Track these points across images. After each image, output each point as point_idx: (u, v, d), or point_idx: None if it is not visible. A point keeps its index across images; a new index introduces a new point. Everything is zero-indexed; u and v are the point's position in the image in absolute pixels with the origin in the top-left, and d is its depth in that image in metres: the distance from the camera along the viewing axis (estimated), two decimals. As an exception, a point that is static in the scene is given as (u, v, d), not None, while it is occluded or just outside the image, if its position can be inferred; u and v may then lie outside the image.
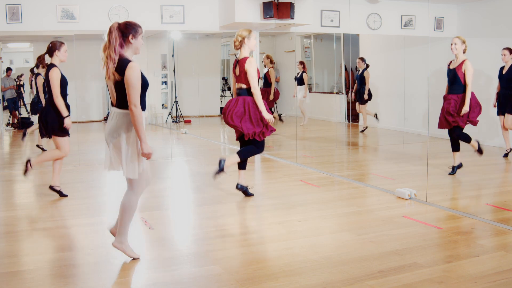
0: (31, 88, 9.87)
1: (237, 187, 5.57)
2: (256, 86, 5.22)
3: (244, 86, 5.29)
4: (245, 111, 5.27)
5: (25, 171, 5.61)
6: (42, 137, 5.85)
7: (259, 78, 5.32)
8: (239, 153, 5.42)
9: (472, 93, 6.33)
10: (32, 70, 11.19)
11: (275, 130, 5.48)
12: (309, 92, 11.64)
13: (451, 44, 6.37)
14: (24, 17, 7.22)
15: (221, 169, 5.39)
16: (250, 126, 5.26)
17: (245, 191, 5.60)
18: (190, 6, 8.13)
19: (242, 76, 5.28)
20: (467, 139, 6.49)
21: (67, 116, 5.45)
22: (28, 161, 5.60)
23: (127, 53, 3.59)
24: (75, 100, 11.73)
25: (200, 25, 8.34)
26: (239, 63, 5.31)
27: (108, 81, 3.58)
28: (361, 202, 5.58)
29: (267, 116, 5.25)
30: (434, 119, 7.08)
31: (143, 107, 3.60)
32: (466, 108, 6.24)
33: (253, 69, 5.21)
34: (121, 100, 3.55)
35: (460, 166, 6.57)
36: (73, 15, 7.44)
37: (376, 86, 10.67)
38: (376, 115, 10.69)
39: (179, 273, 3.56)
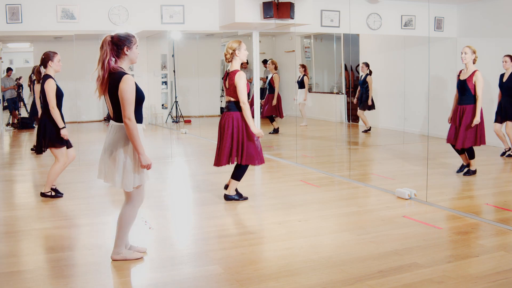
0: (31, 91, 9.88)
1: (226, 199, 5.51)
2: (244, 101, 5.14)
3: (232, 99, 5.22)
4: (233, 135, 5.23)
5: (52, 196, 5.63)
6: (37, 153, 5.82)
7: (248, 92, 5.26)
8: (234, 177, 5.43)
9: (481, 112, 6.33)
10: (30, 77, 11.19)
11: (263, 162, 5.44)
12: (309, 92, 11.64)
13: (462, 53, 6.35)
14: (24, 17, 7.22)
15: (231, 199, 5.47)
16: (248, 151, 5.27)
17: (235, 199, 5.53)
18: (190, 6, 8.12)
19: (232, 90, 5.20)
20: (473, 155, 6.53)
21: (64, 127, 5.47)
22: (43, 194, 5.63)
23: (123, 64, 3.56)
24: (75, 100, 11.73)
25: (200, 25, 8.34)
26: (229, 76, 5.23)
27: (105, 96, 3.57)
28: (361, 202, 5.58)
29: (255, 130, 5.19)
30: (434, 119, 7.09)
31: (140, 120, 3.57)
32: (477, 119, 6.25)
33: (242, 83, 5.13)
34: (117, 113, 3.53)
35: (474, 172, 6.57)
36: (73, 15, 7.44)
37: (376, 86, 10.67)
38: (369, 129, 10.66)
39: (179, 273, 3.56)
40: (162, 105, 13.52)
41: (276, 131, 10.99)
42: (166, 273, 3.55)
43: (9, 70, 13.29)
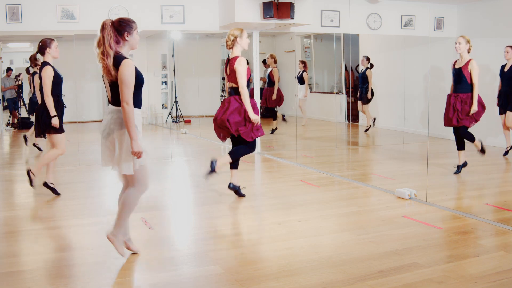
0: (30, 88, 9.90)
1: (229, 187, 5.56)
2: (243, 85, 5.21)
3: (234, 85, 5.29)
4: (232, 109, 5.27)
5: (30, 181, 5.64)
6: (37, 136, 5.86)
7: (249, 77, 5.31)
8: (230, 153, 5.44)
9: (478, 95, 6.35)
10: (28, 70, 11.21)
11: (263, 134, 5.50)
12: (310, 92, 11.65)
13: (456, 43, 6.40)
14: (24, 17, 7.22)
15: (213, 170, 5.44)
16: (237, 119, 5.27)
17: (237, 191, 5.58)
18: (190, 6, 8.12)
19: (233, 76, 5.27)
20: (472, 138, 6.53)
21: (55, 115, 5.46)
22: (29, 171, 5.62)
23: (123, 50, 3.58)
24: (75, 100, 11.73)
25: (200, 25, 8.34)
26: (230, 62, 5.31)
27: (105, 79, 3.58)
28: (361, 202, 5.57)
29: (252, 116, 5.24)
30: (434, 119, 7.08)
31: (139, 104, 3.60)
32: (474, 108, 6.29)
33: (242, 68, 5.20)
34: (116, 98, 3.55)
35: (465, 164, 6.59)
36: (73, 15, 7.44)
37: (376, 86, 10.68)
38: (374, 120, 10.66)
39: (179, 273, 3.56)
40: (162, 105, 13.51)
41: (274, 130, 11.00)
42: (166, 273, 3.55)
43: (9, 70, 13.28)
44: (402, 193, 5.53)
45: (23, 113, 13.04)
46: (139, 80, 3.55)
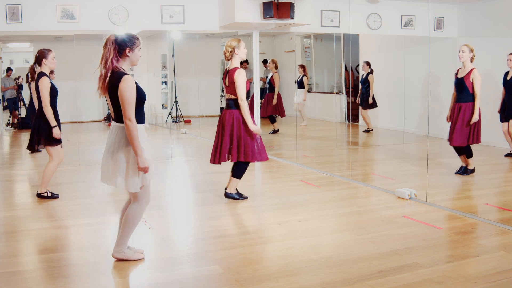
0: (31, 93, 9.94)
1: (226, 196, 5.52)
2: (243, 98, 5.18)
3: (233, 96, 5.26)
4: (232, 132, 5.25)
5: (50, 197, 5.59)
6: (32, 151, 5.71)
7: (248, 89, 5.29)
8: (236, 176, 5.43)
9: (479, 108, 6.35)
10: (27, 76, 11.23)
11: (267, 159, 5.48)
12: (309, 92, 11.65)
13: (459, 51, 6.38)
14: (24, 17, 7.22)
15: (234, 197, 5.47)
16: (243, 149, 5.26)
17: (235, 198, 5.53)
18: (190, 6, 8.12)
19: (231, 87, 5.24)
20: (470, 153, 6.53)
21: (55, 126, 5.42)
22: (39, 195, 5.59)
23: (124, 65, 3.55)
24: (75, 100, 11.73)
25: (200, 25, 8.34)
26: (229, 73, 5.26)
27: (106, 96, 3.56)
28: (361, 202, 5.58)
29: (253, 127, 5.21)
30: (434, 119, 7.07)
31: (142, 120, 3.56)
32: (476, 117, 6.26)
33: (241, 80, 5.16)
34: (118, 114, 3.52)
35: (473, 171, 6.58)
36: (73, 15, 7.44)
37: (376, 86, 10.68)
38: (371, 130, 10.68)
39: (179, 273, 3.56)
40: (162, 105, 13.52)
41: (275, 131, 11.01)
42: (166, 273, 3.55)
43: (9, 70, 13.29)
44: (402, 193, 5.53)
45: (23, 113, 13.05)
46: (140, 97, 3.51)
